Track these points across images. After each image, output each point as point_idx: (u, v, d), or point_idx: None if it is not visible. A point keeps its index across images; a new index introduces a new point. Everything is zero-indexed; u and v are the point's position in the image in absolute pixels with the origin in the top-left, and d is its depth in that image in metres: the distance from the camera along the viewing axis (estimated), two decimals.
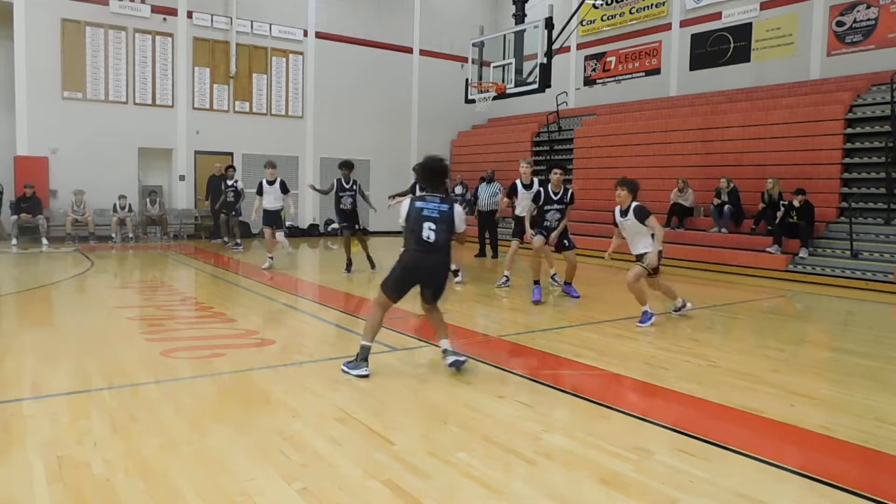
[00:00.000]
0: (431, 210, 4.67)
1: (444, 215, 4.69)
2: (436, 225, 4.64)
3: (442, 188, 4.85)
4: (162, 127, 16.15)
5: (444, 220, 4.68)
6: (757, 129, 13.08)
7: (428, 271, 4.74)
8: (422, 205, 4.70)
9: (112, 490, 2.84)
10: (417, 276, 4.75)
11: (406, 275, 4.74)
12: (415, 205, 4.71)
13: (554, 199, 8.16)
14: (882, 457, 3.44)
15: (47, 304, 7.76)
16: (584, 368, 5.08)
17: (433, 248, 4.65)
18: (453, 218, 4.73)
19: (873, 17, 13.14)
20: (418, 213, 4.67)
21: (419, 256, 4.67)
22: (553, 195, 8.16)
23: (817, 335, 7.27)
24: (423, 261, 4.69)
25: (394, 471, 3.08)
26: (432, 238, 4.63)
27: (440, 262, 4.75)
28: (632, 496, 2.88)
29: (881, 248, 10.49)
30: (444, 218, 4.68)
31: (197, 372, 4.81)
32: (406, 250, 4.72)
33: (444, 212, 4.69)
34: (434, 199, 4.72)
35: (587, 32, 18.63)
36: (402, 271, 4.75)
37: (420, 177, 4.84)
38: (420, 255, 4.66)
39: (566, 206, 8.25)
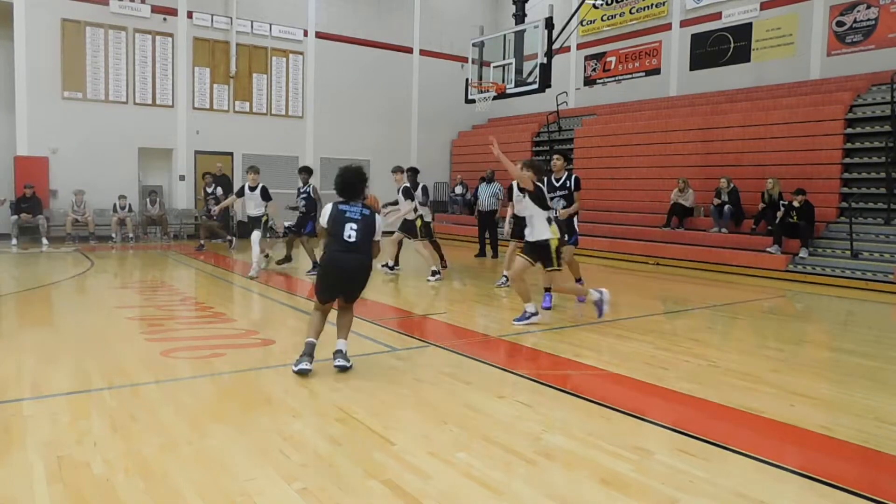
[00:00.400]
0: (354, 213, 4.87)
1: (367, 219, 4.88)
2: (357, 226, 4.82)
3: (361, 196, 5.01)
4: (162, 127, 16.16)
5: (366, 223, 4.86)
6: (757, 129, 13.08)
7: (350, 271, 4.85)
8: (345, 208, 4.90)
9: (112, 490, 2.84)
10: (339, 275, 4.86)
11: (329, 275, 4.89)
12: (338, 207, 4.89)
13: (556, 187, 7.66)
14: (882, 457, 3.44)
15: (47, 304, 7.76)
16: (584, 368, 5.08)
17: (354, 248, 4.80)
18: (374, 223, 4.92)
19: (873, 17, 13.14)
20: (341, 215, 4.85)
21: (340, 256, 4.80)
22: (555, 182, 7.68)
23: (817, 335, 7.26)
24: (344, 260, 4.81)
25: (394, 471, 3.08)
26: (353, 238, 4.80)
27: (361, 262, 4.87)
28: (632, 496, 2.88)
29: (881, 248, 10.49)
30: (366, 221, 4.87)
31: (197, 372, 4.81)
32: (327, 252, 4.87)
33: (366, 216, 4.89)
34: (356, 205, 4.93)
35: (587, 32, 18.63)
36: (324, 272, 4.93)
37: (338, 188, 4.96)
38: (341, 255, 4.80)
39: (570, 192, 7.66)
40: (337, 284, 4.89)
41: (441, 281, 9.76)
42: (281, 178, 17.58)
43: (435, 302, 8.64)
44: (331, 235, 4.87)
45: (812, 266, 10.72)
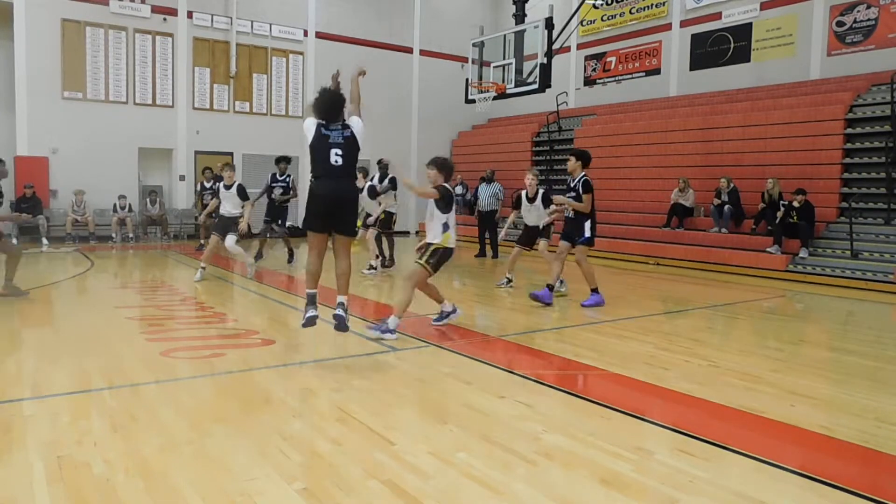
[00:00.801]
0: (337, 136, 4.94)
1: (349, 140, 4.97)
2: (342, 150, 4.91)
3: (341, 117, 5.05)
4: (162, 127, 16.16)
5: (349, 144, 4.96)
6: (757, 129, 13.09)
7: (339, 198, 4.94)
8: (327, 132, 4.94)
9: (112, 490, 2.84)
10: (329, 202, 4.91)
11: (318, 202, 4.92)
12: (321, 131, 4.93)
13: (570, 187, 7.77)
14: (882, 457, 3.44)
15: (47, 304, 7.75)
16: (584, 368, 5.08)
17: (341, 173, 4.90)
18: (357, 141, 5.00)
19: (873, 17, 13.14)
20: (324, 140, 4.90)
21: (328, 183, 4.90)
22: (570, 183, 7.80)
23: (817, 335, 7.26)
24: (331, 187, 4.91)
25: (394, 471, 3.08)
26: (339, 162, 4.88)
27: (349, 188, 5.00)
28: (632, 496, 2.88)
29: (881, 248, 10.49)
30: (349, 143, 4.96)
31: (197, 372, 4.81)
32: (315, 178, 4.96)
33: (347, 137, 4.97)
34: (336, 127, 4.97)
35: (587, 32, 18.63)
36: (312, 199, 4.96)
37: (319, 110, 4.98)
38: (328, 182, 4.90)
39: (579, 194, 7.63)
40: (327, 213, 4.94)
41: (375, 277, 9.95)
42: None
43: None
44: (315, 160, 4.94)
45: (812, 266, 10.72)
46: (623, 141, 15.46)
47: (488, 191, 13.07)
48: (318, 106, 4.99)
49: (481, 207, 13.17)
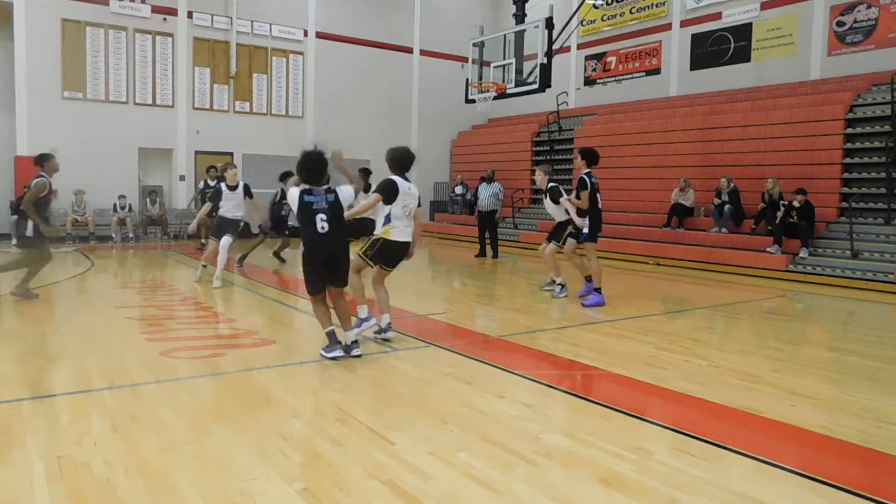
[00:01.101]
0: (320, 202, 5.03)
1: (334, 206, 5.05)
2: (326, 216, 5.00)
3: (324, 180, 5.14)
4: (162, 127, 16.16)
5: (334, 209, 5.05)
6: (757, 129, 13.08)
7: (330, 262, 5.09)
8: (311, 199, 5.03)
9: (112, 490, 2.84)
10: (322, 267, 5.10)
11: (314, 269, 5.12)
12: (304, 199, 5.02)
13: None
14: (882, 457, 3.44)
15: (47, 304, 7.75)
16: (584, 368, 5.08)
17: (330, 238, 5.02)
18: (341, 205, 5.10)
19: (873, 17, 13.14)
20: (308, 207, 5.01)
21: (318, 250, 5.04)
22: None
23: (817, 335, 7.26)
24: (322, 254, 5.05)
25: (394, 471, 3.08)
26: (326, 229, 5.00)
27: (338, 249, 5.11)
28: (632, 496, 2.88)
29: (881, 248, 10.49)
30: (334, 208, 5.05)
31: (197, 372, 4.81)
32: (305, 245, 5.11)
33: (332, 202, 5.05)
34: (320, 192, 5.06)
35: (587, 32, 18.63)
36: (308, 267, 5.15)
37: (301, 174, 5.08)
38: (319, 249, 5.04)
39: (578, 192, 7.75)
40: (322, 275, 5.13)
41: None
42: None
43: (435, 302, 8.65)
44: (302, 226, 5.07)
45: (812, 266, 10.72)
46: (623, 141, 15.46)
47: (488, 191, 13.07)
48: (300, 169, 5.07)
49: (481, 207, 13.16)
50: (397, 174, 5.58)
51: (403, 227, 5.54)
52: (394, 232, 5.51)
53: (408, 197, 5.54)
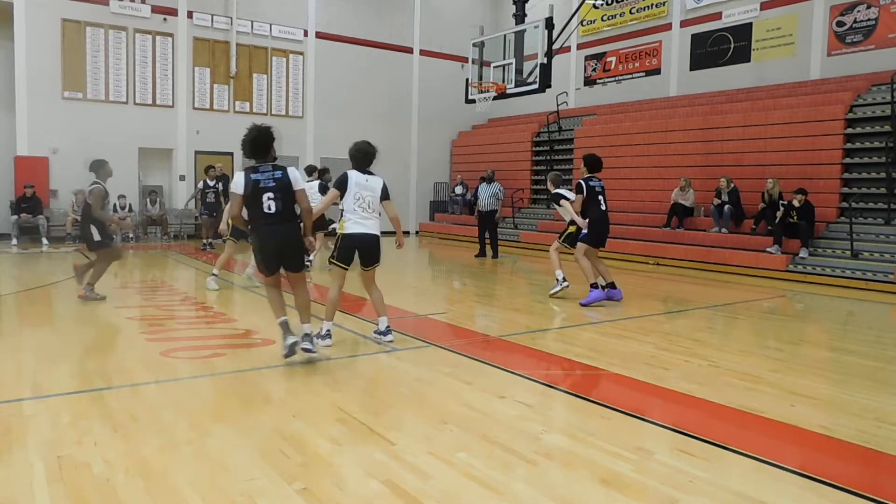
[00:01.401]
0: (267, 180, 4.74)
1: (281, 182, 4.77)
2: (273, 194, 4.72)
3: (270, 156, 4.93)
4: (162, 127, 16.16)
5: (282, 186, 4.76)
6: (757, 129, 13.08)
7: (281, 243, 4.82)
8: (257, 177, 4.76)
9: (112, 490, 2.84)
10: (273, 249, 4.83)
11: (263, 250, 4.84)
12: (250, 177, 4.75)
13: None
14: (882, 457, 3.44)
15: (47, 304, 7.76)
16: (584, 368, 5.08)
17: (278, 219, 4.73)
18: (290, 182, 4.82)
19: (873, 17, 13.14)
20: (255, 185, 4.72)
21: (267, 230, 4.75)
22: None
23: (817, 335, 7.26)
24: (272, 233, 4.76)
25: (394, 471, 3.08)
26: (273, 208, 4.70)
27: (290, 231, 4.84)
28: (632, 496, 2.88)
29: (881, 248, 10.49)
30: (282, 184, 4.77)
31: (197, 372, 4.81)
32: (254, 227, 4.82)
33: (279, 178, 4.78)
34: (267, 169, 4.81)
35: (587, 32, 18.63)
36: (257, 248, 4.87)
37: (248, 150, 4.87)
38: (268, 228, 4.75)
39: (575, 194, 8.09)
40: (274, 257, 4.87)
41: None
42: None
43: (435, 302, 8.65)
44: (251, 208, 4.79)
45: (812, 266, 10.72)
46: (623, 141, 15.46)
47: (488, 191, 13.07)
48: (246, 144, 4.87)
49: (481, 207, 13.17)
50: (355, 168, 5.56)
51: (358, 220, 5.44)
52: (347, 225, 5.45)
53: (362, 189, 5.44)
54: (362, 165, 5.56)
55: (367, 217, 5.46)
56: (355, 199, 5.41)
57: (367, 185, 5.47)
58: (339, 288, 5.54)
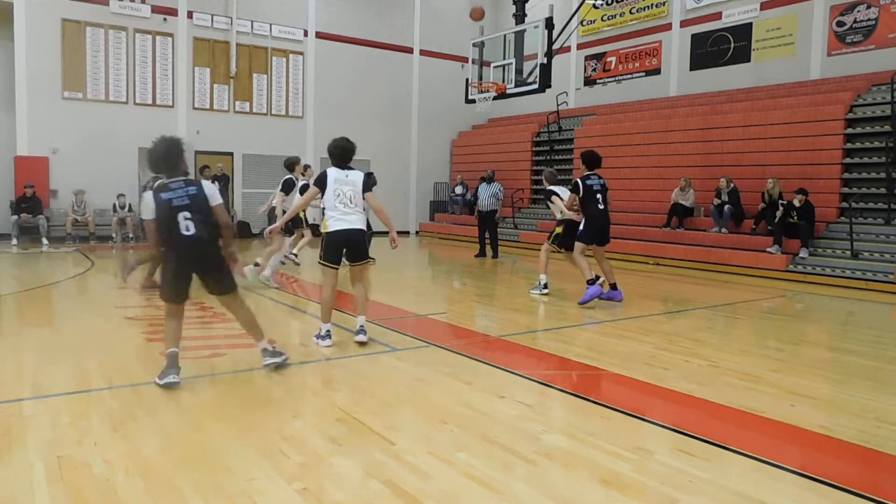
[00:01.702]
0: (180, 198, 4.25)
1: (196, 198, 4.30)
2: (190, 213, 4.24)
3: (180, 170, 4.44)
4: (162, 127, 15.92)
5: (197, 203, 4.29)
6: (757, 129, 13.08)
7: (201, 261, 4.36)
8: (168, 196, 4.25)
9: (112, 490, 2.84)
10: (191, 268, 4.37)
11: (180, 273, 4.33)
12: (160, 196, 4.25)
13: None
14: (882, 457, 3.44)
15: (47, 304, 7.76)
16: (584, 368, 5.08)
17: (197, 239, 4.26)
18: (206, 198, 4.35)
19: (873, 17, 13.14)
20: (167, 205, 4.22)
21: (188, 252, 4.28)
22: None
23: (817, 335, 7.26)
24: (190, 255, 4.29)
25: (394, 471, 3.08)
26: (192, 230, 4.23)
27: (209, 248, 4.36)
28: (632, 496, 2.88)
29: (881, 248, 10.49)
30: (197, 201, 4.30)
31: (197, 372, 4.80)
32: (168, 248, 4.32)
33: (193, 195, 4.30)
34: (178, 185, 4.31)
35: (587, 32, 18.62)
36: (174, 272, 4.34)
37: (155, 164, 4.41)
38: (186, 250, 4.27)
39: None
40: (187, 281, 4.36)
41: None
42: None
43: (435, 302, 8.64)
44: (163, 232, 4.25)
45: (812, 266, 10.72)
46: (623, 141, 15.45)
47: (488, 191, 13.08)
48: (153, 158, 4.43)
49: (481, 207, 13.18)
50: (334, 165, 5.51)
51: (339, 216, 5.38)
52: (330, 223, 5.41)
53: (342, 185, 5.39)
54: (341, 162, 5.51)
55: (349, 212, 5.39)
56: (335, 195, 5.37)
57: (346, 179, 5.43)
58: (331, 288, 5.51)
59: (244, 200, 17.20)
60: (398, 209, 18.81)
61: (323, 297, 5.53)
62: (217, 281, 4.49)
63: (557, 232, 8.31)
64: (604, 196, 7.83)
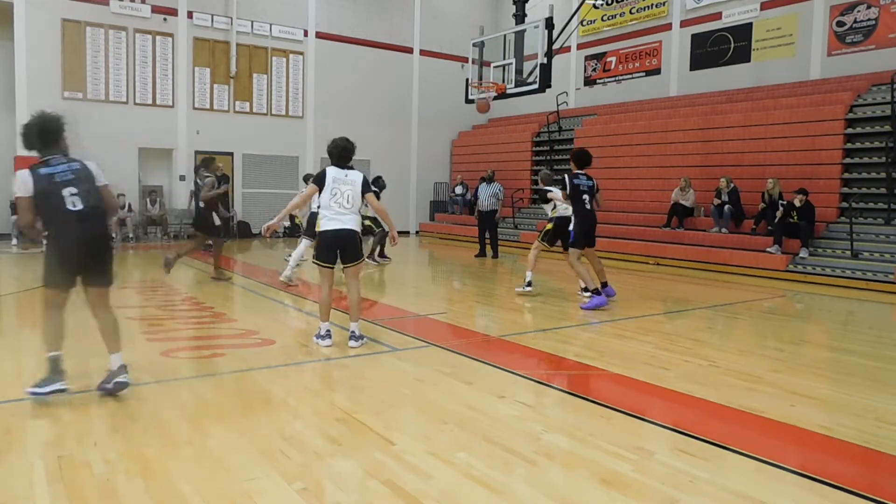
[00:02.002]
0: (63, 173, 3.88)
1: (81, 173, 3.96)
2: (77, 188, 3.87)
3: (61, 149, 4.08)
4: (162, 127, 16.15)
5: (84, 178, 3.95)
6: (757, 129, 13.08)
7: (87, 244, 3.94)
8: (48, 171, 3.87)
9: (112, 490, 2.84)
10: (79, 254, 3.93)
11: (68, 253, 3.91)
12: (38, 172, 3.86)
13: None
14: (882, 457, 3.44)
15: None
16: (584, 368, 5.08)
17: (86, 216, 3.88)
18: (91, 173, 4.02)
19: (873, 17, 13.14)
20: (48, 180, 3.84)
21: (77, 228, 3.87)
22: None
23: (817, 335, 7.26)
24: (83, 232, 3.89)
25: (394, 471, 3.08)
26: (80, 204, 3.86)
27: (99, 231, 4.02)
28: (632, 496, 2.88)
29: (881, 248, 10.48)
30: (82, 176, 3.95)
31: (197, 372, 4.81)
32: (52, 230, 3.91)
33: (78, 170, 3.96)
34: (60, 161, 3.95)
35: (587, 32, 18.62)
36: (59, 256, 3.92)
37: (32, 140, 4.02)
38: (77, 226, 3.87)
39: None
40: (77, 266, 3.96)
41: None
42: (281, 178, 17.62)
43: (435, 302, 8.65)
44: (45, 211, 3.86)
45: (812, 266, 10.71)
46: (623, 141, 15.46)
47: (488, 191, 13.08)
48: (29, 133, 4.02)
49: (481, 207, 13.19)
50: (334, 165, 5.49)
51: (332, 216, 5.37)
52: (323, 222, 5.41)
53: (340, 184, 5.37)
54: (341, 162, 5.49)
55: (343, 213, 5.38)
56: (331, 195, 5.36)
57: (345, 179, 5.41)
58: (328, 287, 5.51)
59: (244, 200, 17.21)
60: (398, 209, 18.80)
61: (321, 297, 5.54)
62: (100, 271, 4.06)
63: (548, 229, 8.31)
64: (591, 196, 7.69)
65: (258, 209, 17.18)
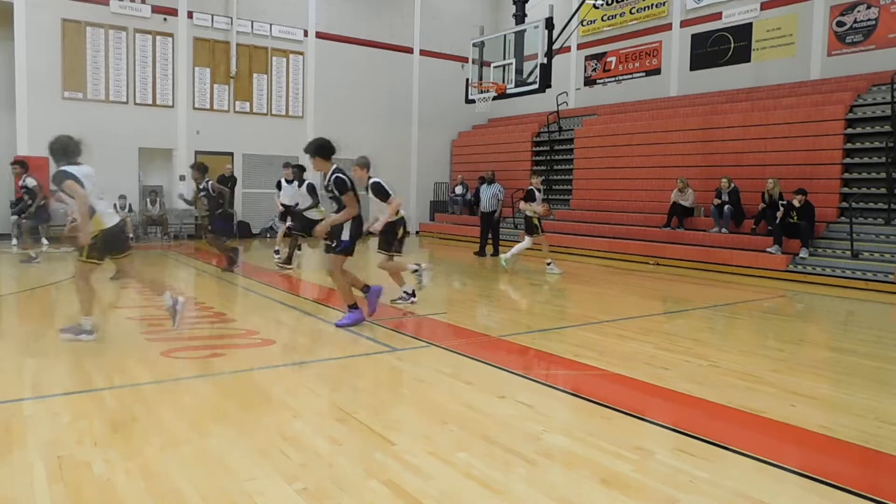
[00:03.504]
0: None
1: None
2: None
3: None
4: (162, 127, 16.16)
5: None
6: (757, 129, 13.08)
7: None
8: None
9: (112, 490, 2.84)
10: None
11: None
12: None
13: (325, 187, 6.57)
14: (882, 457, 3.44)
15: (47, 304, 7.75)
16: (584, 368, 5.08)
17: None
18: None
19: (873, 17, 13.14)
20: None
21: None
22: None
23: (817, 335, 7.26)
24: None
25: (394, 471, 3.08)
26: None
27: None
28: (632, 496, 2.88)
29: (881, 248, 10.48)
30: None
31: (197, 372, 4.81)
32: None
33: None
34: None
35: (587, 32, 18.63)
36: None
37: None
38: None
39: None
40: None
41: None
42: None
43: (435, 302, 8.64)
44: None
45: (812, 266, 10.71)
46: (623, 141, 15.46)
47: (489, 191, 13.09)
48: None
49: (483, 209, 13.22)
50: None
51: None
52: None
53: None
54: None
55: None
56: None
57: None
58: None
59: (244, 200, 17.20)
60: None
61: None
62: None
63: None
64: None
65: (258, 209, 17.19)
